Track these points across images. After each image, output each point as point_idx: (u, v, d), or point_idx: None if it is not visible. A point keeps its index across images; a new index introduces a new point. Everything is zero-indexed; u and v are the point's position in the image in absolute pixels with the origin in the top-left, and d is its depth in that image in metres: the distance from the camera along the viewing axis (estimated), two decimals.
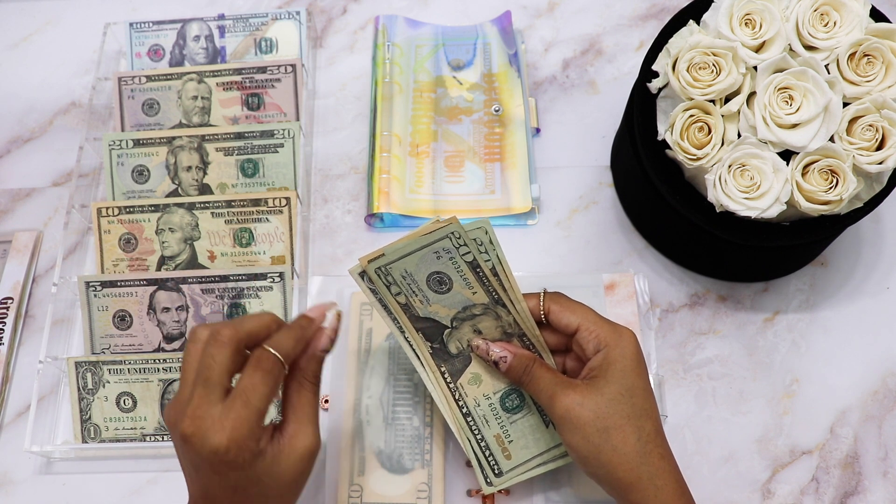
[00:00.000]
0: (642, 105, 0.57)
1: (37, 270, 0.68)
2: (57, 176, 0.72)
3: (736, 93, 0.52)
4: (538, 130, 0.70)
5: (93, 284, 0.62)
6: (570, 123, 0.71)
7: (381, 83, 0.71)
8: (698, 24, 0.55)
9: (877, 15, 0.53)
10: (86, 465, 0.60)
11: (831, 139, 0.50)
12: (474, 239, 0.47)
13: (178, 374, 0.59)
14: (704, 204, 0.54)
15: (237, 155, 0.66)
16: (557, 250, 0.66)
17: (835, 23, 0.51)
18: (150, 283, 0.62)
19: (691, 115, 0.52)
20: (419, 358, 0.52)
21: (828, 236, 0.56)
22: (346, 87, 0.74)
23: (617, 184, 0.68)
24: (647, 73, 0.57)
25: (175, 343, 0.62)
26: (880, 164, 0.49)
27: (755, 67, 0.51)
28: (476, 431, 0.52)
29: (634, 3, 0.76)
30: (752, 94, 0.52)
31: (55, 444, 0.60)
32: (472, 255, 0.48)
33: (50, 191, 0.71)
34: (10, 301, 0.65)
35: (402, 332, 0.51)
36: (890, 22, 0.52)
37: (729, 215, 0.52)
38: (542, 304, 0.50)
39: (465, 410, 0.52)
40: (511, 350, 0.49)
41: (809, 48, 0.52)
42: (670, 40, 0.55)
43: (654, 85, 0.56)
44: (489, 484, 0.53)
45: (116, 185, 0.67)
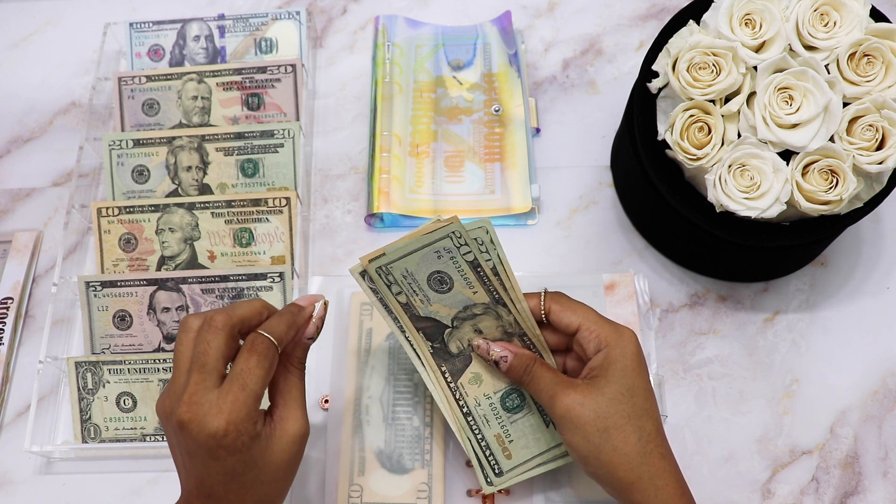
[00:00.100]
0: (642, 105, 0.57)
1: (37, 270, 0.68)
2: (57, 176, 0.72)
3: (736, 93, 0.52)
4: (538, 130, 0.70)
5: (93, 284, 0.62)
6: (570, 123, 0.71)
7: (381, 83, 0.71)
8: (698, 24, 0.55)
9: (877, 15, 0.53)
10: (86, 465, 0.60)
11: (831, 139, 0.50)
12: (475, 238, 0.47)
13: None
14: (704, 204, 0.54)
15: (237, 155, 0.66)
16: (557, 250, 0.66)
17: (835, 23, 0.51)
18: (150, 283, 0.62)
19: (691, 115, 0.52)
20: (420, 357, 0.52)
21: (828, 236, 0.56)
22: (346, 87, 0.74)
23: (617, 184, 0.68)
24: (647, 73, 0.57)
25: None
26: (880, 164, 0.49)
27: (755, 67, 0.51)
28: (476, 431, 0.52)
29: (634, 3, 0.76)
30: (752, 94, 0.52)
31: (55, 444, 0.60)
32: (473, 254, 0.48)
33: (50, 191, 0.71)
34: (10, 301, 0.65)
35: (403, 331, 0.51)
36: (890, 22, 0.52)
37: (729, 215, 0.52)
38: (542, 303, 0.50)
39: (465, 410, 0.52)
40: (511, 350, 0.49)
41: (809, 48, 0.52)
42: (670, 40, 0.55)
43: (654, 85, 0.56)
44: (489, 484, 0.53)
45: (116, 185, 0.67)
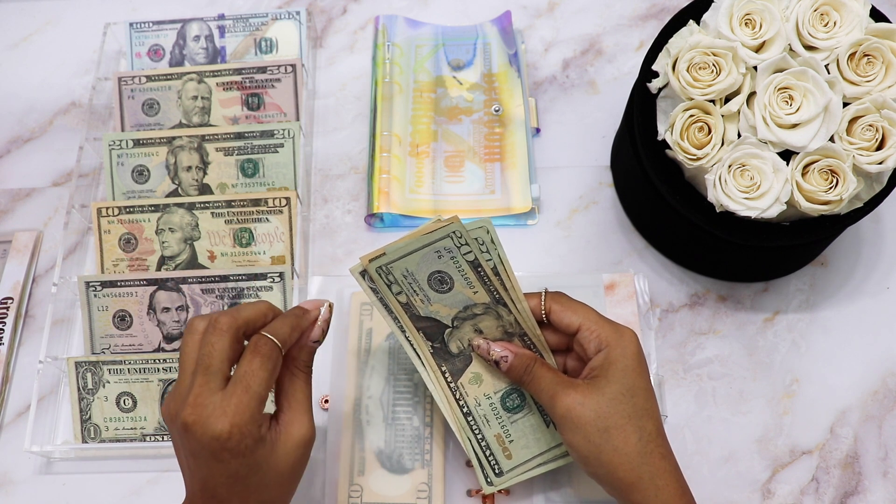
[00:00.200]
0: (642, 105, 0.57)
1: (37, 270, 0.68)
2: (57, 176, 0.72)
3: (736, 93, 0.52)
4: (538, 130, 0.70)
5: (93, 284, 0.62)
6: (570, 123, 0.71)
7: (381, 83, 0.71)
8: (698, 24, 0.55)
9: (877, 15, 0.53)
10: (86, 465, 0.60)
11: (831, 139, 0.50)
12: (476, 238, 0.47)
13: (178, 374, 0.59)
14: (704, 204, 0.54)
15: (237, 155, 0.66)
16: (557, 250, 0.66)
17: (835, 23, 0.51)
18: (150, 283, 0.62)
19: (691, 115, 0.52)
20: (420, 357, 0.52)
21: (828, 236, 0.56)
22: (346, 87, 0.74)
23: (617, 184, 0.68)
24: (647, 73, 0.57)
25: (175, 343, 0.62)
26: (880, 164, 0.49)
27: (755, 67, 0.51)
28: (476, 431, 0.52)
29: (634, 3, 0.76)
30: (752, 94, 0.52)
31: (55, 444, 0.60)
32: (474, 254, 0.48)
33: (50, 191, 0.71)
34: (10, 301, 0.65)
35: (403, 331, 0.51)
36: (890, 22, 0.52)
37: (729, 215, 0.52)
38: (543, 303, 0.50)
39: (465, 410, 0.52)
40: (512, 350, 0.49)
41: (809, 48, 0.52)
42: (670, 40, 0.55)
43: (654, 85, 0.56)
44: (489, 484, 0.53)
45: (116, 185, 0.67)
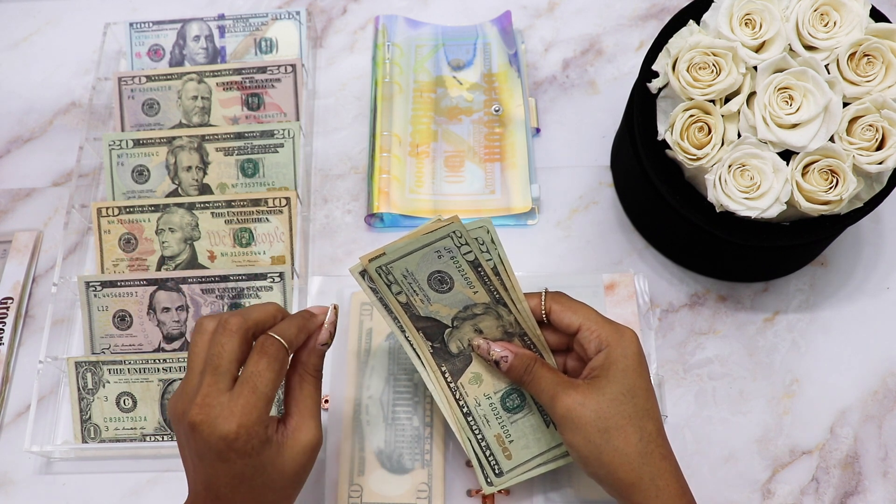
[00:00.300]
0: (642, 105, 0.57)
1: (37, 270, 0.68)
2: (57, 176, 0.72)
3: (736, 93, 0.52)
4: (538, 130, 0.70)
5: (93, 284, 0.62)
6: (570, 123, 0.71)
7: (381, 83, 0.71)
8: (698, 24, 0.55)
9: (877, 15, 0.53)
10: (86, 465, 0.60)
11: (831, 139, 0.50)
12: (476, 238, 0.47)
13: (179, 374, 0.59)
14: (704, 204, 0.54)
15: (237, 155, 0.66)
16: (557, 250, 0.66)
17: (835, 23, 0.51)
18: (150, 283, 0.62)
19: (691, 115, 0.52)
20: (420, 357, 0.52)
21: (828, 236, 0.56)
22: (346, 87, 0.74)
23: (617, 184, 0.68)
24: (647, 73, 0.57)
25: (175, 343, 0.62)
26: (880, 164, 0.49)
27: (755, 67, 0.51)
28: (476, 431, 0.52)
29: (634, 3, 0.76)
30: (752, 94, 0.52)
31: (55, 444, 0.60)
32: (474, 254, 0.48)
33: (50, 191, 0.71)
34: (10, 301, 0.65)
35: (403, 331, 0.51)
36: (890, 22, 0.52)
37: (729, 215, 0.52)
38: (543, 303, 0.50)
39: (465, 410, 0.52)
40: (512, 350, 0.49)
41: (809, 48, 0.52)
42: (670, 40, 0.55)
43: (654, 85, 0.56)
44: (489, 484, 0.53)
45: (116, 185, 0.67)
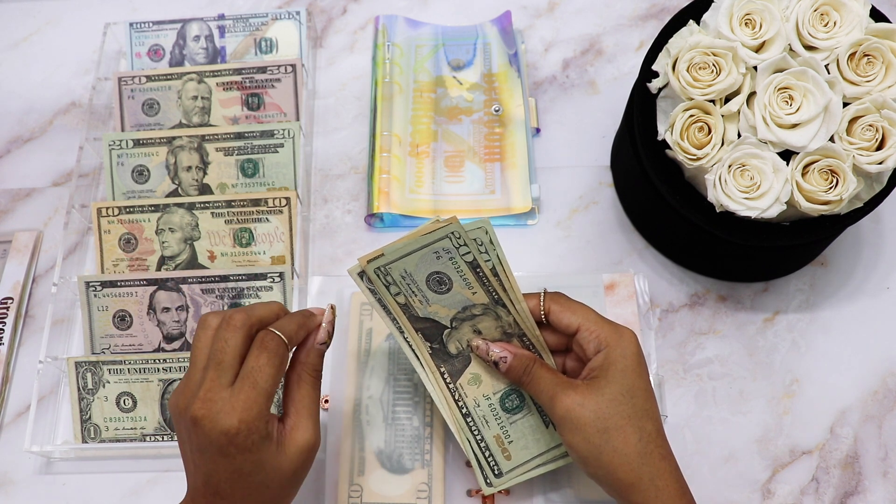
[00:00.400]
0: (642, 105, 0.57)
1: (37, 270, 0.68)
2: (57, 176, 0.72)
3: (736, 93, 0.52)
4: (538, 130, 0.70)
5: (93, 284, 0.62)
6: (570, 123, 0.71)
7: (381, 83, 0.71)
8: (698, 24, 0.55)
9: (877, 15, 0.53)
10: (86, 465, 0.60)
11: (831, 139, 0.50)
12: (474, 239, 0.47)
13: (179, 374, 0.59)
14: (704, 204, 0.54)
15: (237, 155, 0.66)
16: (557, 250, 0.66)
17: (835, 23, 0.51)
18: (150, 283, 0.62)
19: (691, 115, 0.52)
20: (418, 358, 0.52)
21: (828, 236, 0.56)
22: (346, 87, 0.74)
23: (617, 184, 0.68)
24: (647, 73, 0.57)
25: (175, 343, 0.62)
26: (880, 164, 0.49)
27: (755, 67, 0.51)
28: (476, 432, 0.52)
29: (634, 3, 0.76)
30: (752, 94, 0.52)
31: (55, 444, 0.60)
32: (473, 255, 0.48)
33: (50, 191, 0.71)
34: (10, 301, 0.65)
35: (402, 332, 0.51)
36: (890, 22, 0.52)
37: (729, 215, 0.52)
38: (542, 304, 0.50)
39: (464, 411, 0.52)
40: (511, 350, 0.49)
41: (809, 48, 0.52)
42: (670, 40, 0.55)
43: (654, 85, 0.56)
44: (489, 484, 0.52)
45: (116, 185, 0.67)
